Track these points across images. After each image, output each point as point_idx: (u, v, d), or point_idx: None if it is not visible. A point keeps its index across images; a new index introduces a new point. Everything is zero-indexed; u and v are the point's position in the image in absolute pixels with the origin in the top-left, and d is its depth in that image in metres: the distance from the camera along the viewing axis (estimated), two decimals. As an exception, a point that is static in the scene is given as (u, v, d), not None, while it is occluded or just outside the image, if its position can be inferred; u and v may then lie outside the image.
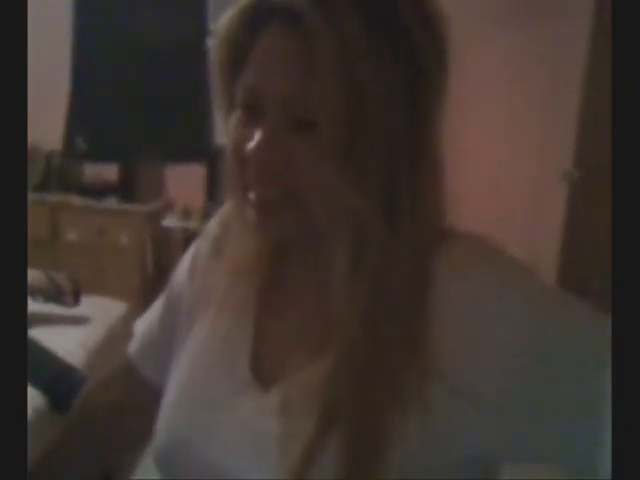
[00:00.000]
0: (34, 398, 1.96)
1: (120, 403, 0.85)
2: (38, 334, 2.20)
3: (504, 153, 3.57)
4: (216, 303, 0.70)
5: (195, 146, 3.88)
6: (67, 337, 2.32)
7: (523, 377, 0.55)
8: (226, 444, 0.62)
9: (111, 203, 3.69)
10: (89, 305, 2.54)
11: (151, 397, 0.74)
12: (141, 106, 3.87)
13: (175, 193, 3.92)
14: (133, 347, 0.84)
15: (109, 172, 3.77)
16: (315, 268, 0.64)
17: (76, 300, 2.40)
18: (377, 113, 0.54)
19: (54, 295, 2.31)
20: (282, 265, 0.68)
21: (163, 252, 3.80)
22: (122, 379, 0.86)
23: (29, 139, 3.72)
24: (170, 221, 3.74)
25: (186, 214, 3.71)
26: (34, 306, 2.37)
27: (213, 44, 0.62)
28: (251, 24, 0.59)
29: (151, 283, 3.54)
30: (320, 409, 0.56)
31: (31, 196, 3.65)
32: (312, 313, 0.64)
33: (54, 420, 1.84)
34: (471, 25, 3.51)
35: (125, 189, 3.70)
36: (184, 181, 3.84)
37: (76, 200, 3.68)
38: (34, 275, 2.25)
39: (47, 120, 3.76)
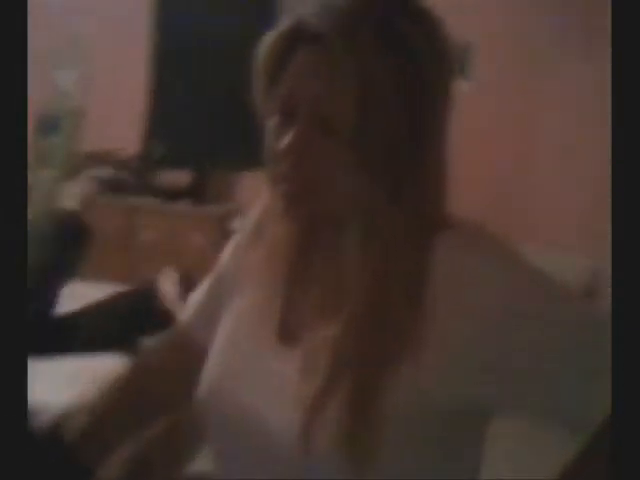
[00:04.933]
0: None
1: (170, 363, 0.96)
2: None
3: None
4: (254, 279, 0.83)
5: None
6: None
7: (506, 341, 0.68)
8: (256, 388, 0.76)
9: (183, 206, 3.84)
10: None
11: (197, 358, 0.85)
12: (217, 113, 3.99)
13: (244, 198, 4.01)
14: (185, 315, 0.97)
15: (182, 176, 3.91)
16: (333, 250, 0.76)
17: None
18: (383, 116, 0.67)
19: None
20: (308, 247, 0.80)
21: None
22: (173, 343, 0.99)
23: (107, 144, 3.90)
24: (239, 224, 3.84)
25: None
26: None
27: (256, 61, 0.74)
28: (287, 46, 0.72)
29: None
30: (330, 362, 0.70)
31: (109, 198, 3.82)
32: (329, 288, 0.76)
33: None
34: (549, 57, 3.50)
35: (197, 193, 3.85)
36: (253, 186, 3.93)
37: (151, 202, 3.84)
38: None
39: (125, 124, 3.94)
